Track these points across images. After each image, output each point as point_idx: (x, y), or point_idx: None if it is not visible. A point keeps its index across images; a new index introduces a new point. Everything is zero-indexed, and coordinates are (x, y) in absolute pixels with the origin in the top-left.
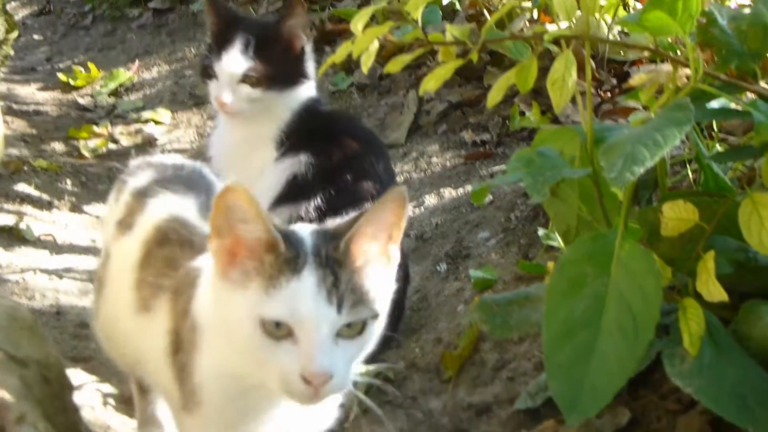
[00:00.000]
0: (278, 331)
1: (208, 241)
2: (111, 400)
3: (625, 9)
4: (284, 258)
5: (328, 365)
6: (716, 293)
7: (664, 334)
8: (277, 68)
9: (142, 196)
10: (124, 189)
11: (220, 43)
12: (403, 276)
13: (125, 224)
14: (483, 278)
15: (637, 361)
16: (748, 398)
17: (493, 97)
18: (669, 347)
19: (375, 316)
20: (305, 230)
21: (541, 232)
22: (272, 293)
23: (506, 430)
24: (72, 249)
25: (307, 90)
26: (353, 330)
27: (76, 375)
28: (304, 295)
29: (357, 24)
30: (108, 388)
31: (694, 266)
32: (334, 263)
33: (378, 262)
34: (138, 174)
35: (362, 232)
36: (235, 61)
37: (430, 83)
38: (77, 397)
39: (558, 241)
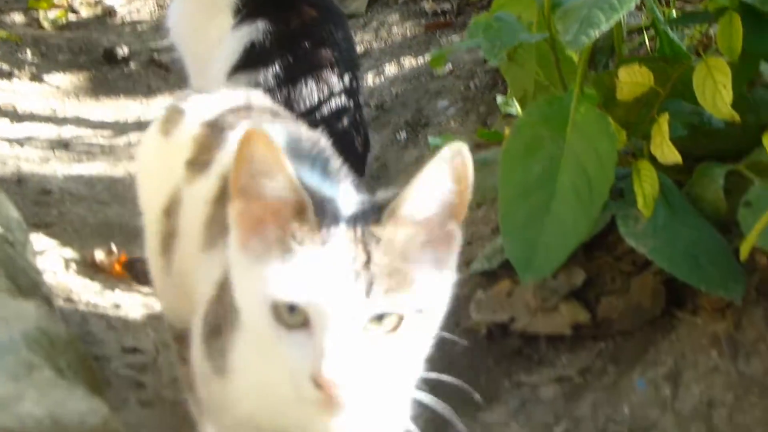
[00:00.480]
0: (292, 317)
1: (229, 204)
2: (73, 265)
3: None
4: (310, 226)
5: (344, 366)
6: (670, 155)
7: (618, 197)
8: None
9: (219, 128)
10: (181, 120)
11: None
12: (363, 144)
13: (200, 164)
14: (442, 146)
15: (591, 222)
16: (701, 258)
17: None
18: (623, 209)
19: (419, 311)
20: (348, 196)
21: (499, 99)
22: (289, 269)
23: (463, 292)
24: (33, 118)
25: None
26: (387, 325)
27: (38, 240)
28: (325, 272)
29: None
30: (70, 253)
31: (649, 130)
32: (370, 239)
33: (432, 245)
34: (196, 103)
35: (412, 203)
36: None
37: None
38: (39, 262)
39: (516, 109)
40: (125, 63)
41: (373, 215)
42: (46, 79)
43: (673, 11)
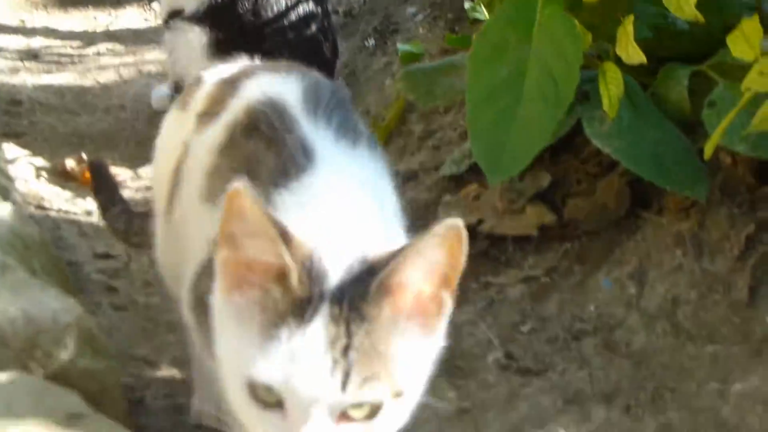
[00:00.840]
0: (268, 396)
1: (216, 249)
2: (44, 173)
3: None
4: (293, 297)
5: None
6: (635, 56)
7: (584, 99)
8: None
9: (233, 81)
10: (199, 87)
11: None
12: (332, 50)
13: (210, 114)
14: (410, 52)
15: (557, 124)
16: (665, 158)
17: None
18: (589, 111)
19: (398, 394)
20: (337, 258)
21: (467, 5)
22: (268, 348)
23: (432, 195)
24: (2, 29)
25: None
26: (362, 411)
27: (9, 150)
28: (304, 358)
29: None
30: (41, 161)
31: (615, 32)
32: (354, 317)
33: (420, 312)
34: (216, 70)
35: (403, 275)
36: None
37: None
38: (11, 171)
39: (484, 14)
40: None
41: (362, 285)
42: None
43: None
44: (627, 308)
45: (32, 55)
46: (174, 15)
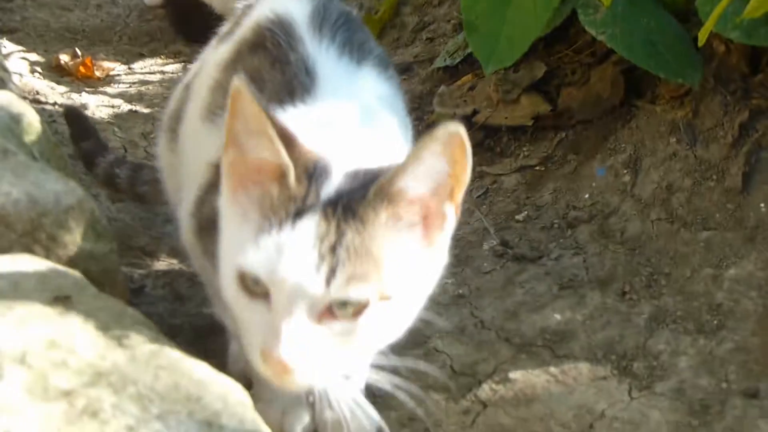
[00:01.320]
0: (255, 287)
1: (223, 152)
2: (38, 68)
3: None
4: (289, 194)
5: (293, 352)
6: None
7: None
8: None
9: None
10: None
11: None
12: None
13: (228, 33)
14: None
15: (551, 12)
16: (659, 45)
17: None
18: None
19: (386, 298)
20: (340, 168)
21: None
22: (259, 240)
23: (426, 87)
24: None
25: None
26: (347, 311)
27: (3, 45)
28: (290, 252)
29: None
30: (34, 56)
31: None
32: (348, 216)
33: (423, 225)
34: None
35: (403, 182)
36: None
37: None
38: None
39: None
40: None
41: (360, 191)
42: None
43: None
44: (621, 196)
45: None
46: None
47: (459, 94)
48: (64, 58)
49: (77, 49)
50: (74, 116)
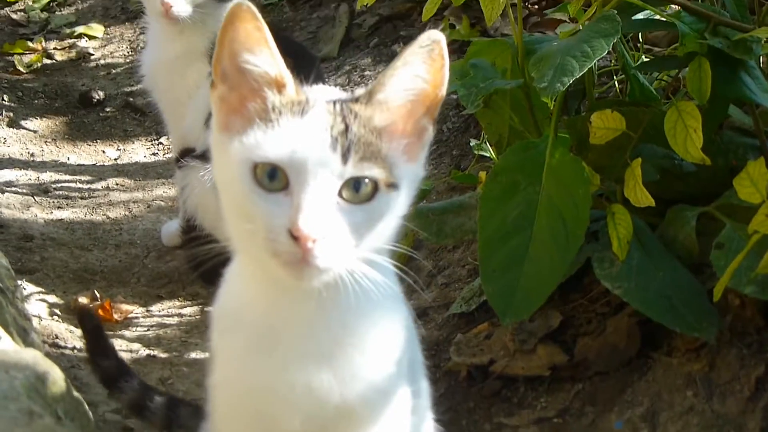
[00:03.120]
0: (272, 183)
1: (210, 88)
2: (57, 311)
3: None
4: (290, 99)
5: (320, 221)
6: (643, 199)
7: (593, 239)
8: None
9: None
10: None
11: None
12: None
13: None
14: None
15: (568, 265)
16: (675, 299)
17: (428, 10)
18: (598, 251)
19: (391, 185)
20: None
21: (472, 142)
22: (271, 134)
23: (442, 334)
24: (12, 163)
25: None
26: (361, 195)
27: (23, 287)
28: (306, 136)
29: None
30: (53, 298)
31: (622, 173)
32: (349, 113)
33: (404, 136)
34: None
35: (389, 88)
36: None
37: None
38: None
39: (489, 152)
40: (101, 107)
41: (353, 98)
42: (23, 124)
43: (642, 56)
44: None
45: (43, 190)
46: (185, 153)
47: (475, 343)
48: (83, 300)
49: (96, 292)
50: (92, 329)
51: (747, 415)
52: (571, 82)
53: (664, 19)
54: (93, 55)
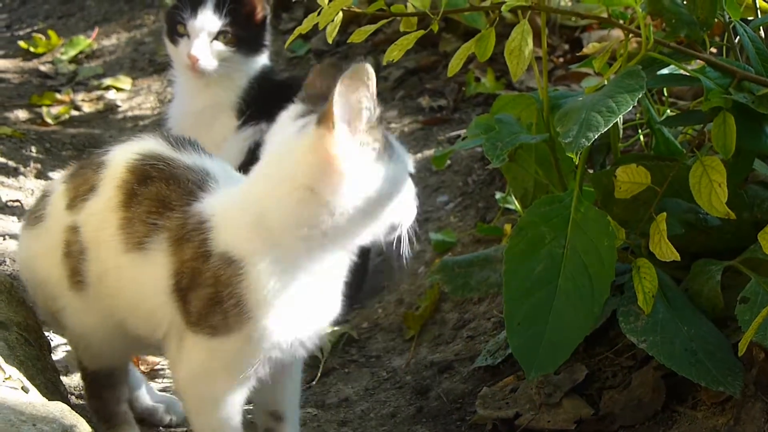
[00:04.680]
0: None
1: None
2: None
3: None
4: None
5: None
6: (668, 253)
7: (618, 292)
8: (245, 31)
9: (90, 167)
10: (46, 202)
11: (192, 2)
12: None
13: (81, 196)
14: (443, 241)
15: (593, 319)
16: (700, 353)
17: (454, 66)
18: (624, 305)
19: None
20: None
21: (498, 195)
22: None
23: (467, 387)
24: None
25: (263, 58)
26: None
27: (50, 338)
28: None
29: None
30: None
31: (647, 227)
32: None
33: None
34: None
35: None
36: (211, 17)
37: (394, 53)
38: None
39: (514, 204)
40: None
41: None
42: (51, 176)
43: (668, 109)
44: None
45: None
46: None
47: (501, 396)
48: None
49: None
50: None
51: None
52: (596, 137)
53: (688, 75)
54: (120, 106)
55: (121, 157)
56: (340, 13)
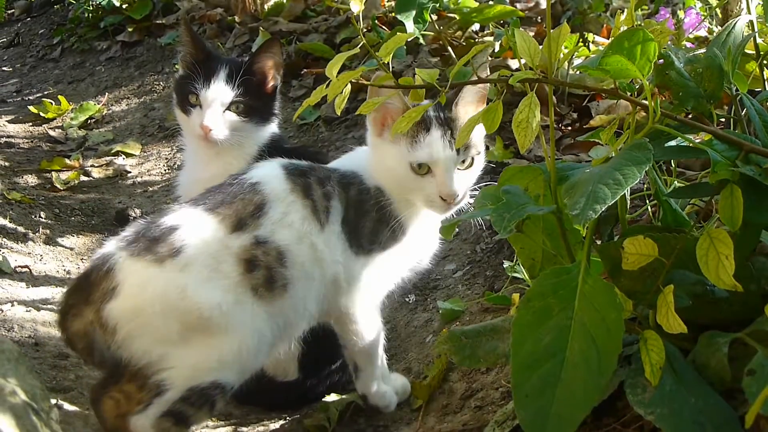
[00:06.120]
0: (420, 170)
1: (368, 117)
2: (90, 430)
3: (584, 44)
4: (418, 122)
5: (455, 187)
6: (676, 325)
7: (626, 364)
8: (256, 101)
9: (240, 194)
10: (170, 236)
11: (205, 73)
12: None
13: (251, 215)
14: (451, 309)
15: (600, 391)
16: (707, 425)
17: (462, 137)
18: (631, 377)
19: (479, 153)
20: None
21: (506, 264)
22: (415, 146)
23: None
24: (48, 280)
25: (273, 126)
26: (466, 164)
27: (57, 404)
28: (434, 145)
29: (332, 69)
30: (92, 418)
31: (655, 299)
32: (449, 120)
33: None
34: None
35: (463, 99)
36: (224, 88)
37: (402, 125)
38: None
39: (522, 273)
40: None
41: (446, 108)
42: (60, 242)
43: (675, 181)
44: None
45: None
46: None
47: None
48: None
49: None
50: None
51: None
52: (602, 210)
53: (696, 147)
54: (130, 172)
55: (271, 174)
56: (349, 86)
